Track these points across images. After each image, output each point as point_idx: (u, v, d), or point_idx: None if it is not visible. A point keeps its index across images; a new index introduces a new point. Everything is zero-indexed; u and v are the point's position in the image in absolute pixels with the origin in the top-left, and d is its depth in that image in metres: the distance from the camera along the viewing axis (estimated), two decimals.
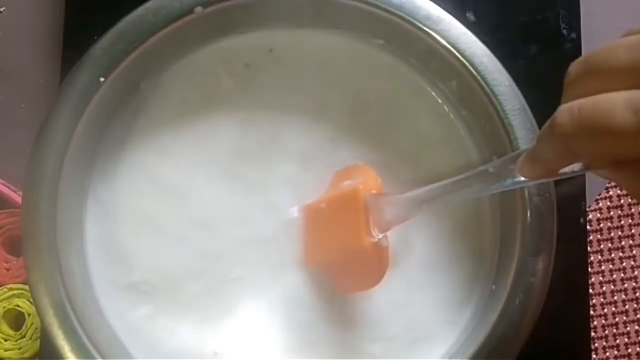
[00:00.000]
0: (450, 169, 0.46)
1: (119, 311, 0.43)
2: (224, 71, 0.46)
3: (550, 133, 0.26)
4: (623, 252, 0.51)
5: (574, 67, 0.27)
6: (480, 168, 0.35)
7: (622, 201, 0.51)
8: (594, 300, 0.50)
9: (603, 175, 0.28)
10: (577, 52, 0.50)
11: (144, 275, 0.44)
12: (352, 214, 0.41)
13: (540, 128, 0.41)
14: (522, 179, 0.32)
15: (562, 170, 0.29)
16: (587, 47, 0.50)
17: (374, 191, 0.41)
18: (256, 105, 0.46)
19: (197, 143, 0.45)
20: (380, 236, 0.40)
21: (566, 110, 0.26)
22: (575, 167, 0.29)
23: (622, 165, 0.26)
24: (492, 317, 0.41)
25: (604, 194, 0.51)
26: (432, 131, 0.46)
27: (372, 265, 0.42)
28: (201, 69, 0.46)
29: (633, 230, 0.51)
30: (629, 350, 0.50)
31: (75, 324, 0.40)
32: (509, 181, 0.33)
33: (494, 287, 0.43)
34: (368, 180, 0.42)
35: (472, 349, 0.41)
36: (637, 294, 0.51)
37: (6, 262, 0.49)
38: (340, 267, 0.43)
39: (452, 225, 0.45)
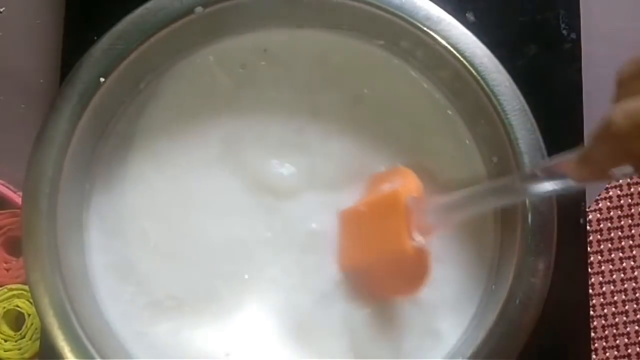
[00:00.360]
0: (450, 168, 0.46)
1: (119, 311, 0.43)
2: (222, 71, 0.46)
3: (606, 132, 0.26)
4: (623, 252, 0.51)
5: (627, 66, 0.27)
6: (524, 171, 0.34)
7: (622, 202, 0.51)
8: (594, 301, 0.50)
9: None
10: (577, 52, 0.50)
11: (145, 275, 0.44)
12: (394, 217, 0.40)
13: (540, 128, 0.42)
14: (570, 182, 0.31)
15: (613, 172, 0.29)
16: (587, 47, 0.50)
17: (415, 194, 0.40)
18: (255, 105, 0.46)
19: (197, 142, 0.45)
20: (422, 241, 0.40)
21: (622, 110, 0.26)
22: (627, 168, 0.28)
23: None
24: (492, 317, 0.41)
25: (604, 195, 0.51)
26: (432, 131, 0.46)
27: (414, 270, 0.41)
28: (200, 68, 0.46)
29: (633, 231, 0.51)
30: (629, 350, 0.50)
31: (75, 324, 0.40)
32: (553, 184, 0.32)
33: (494, 287, 0.43)
34: (409, 183, 0.41)
35: (472, 349, 0.41)
36: (637, 295, 0.51)
37: (6, 263, 0.49)
38: (380, 271, 0.43)
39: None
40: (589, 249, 0.51)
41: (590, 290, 0.50)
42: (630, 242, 0.51)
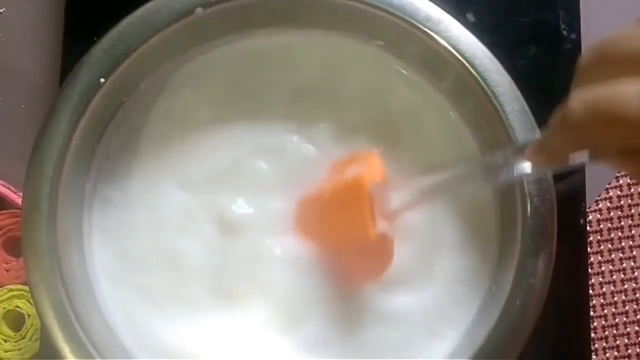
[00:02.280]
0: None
1: (119, 312, 0.43)
2: (224, 70, 0.46)
3: (563, 120, 0.27)
4: (623, 253, 0.51)
5: (587, 54, 0.27)
6: (488, 156, 0.35)
7: (622, 202, 0.51)
8: (594, 301, 0.50)
9: (611, 164, 0.28)
10: (577, 52, 0.50)
11: (145, 276, 0.44)
12: (357, 203, 0.40)
13: (540, 128, 0.42)
14: (528, 168, 0.32)
15: (571, 160, 0.29)
16: (587, 47, 0.50)
17: (379, 180, 0.40)
18: (258, 105, 0.46)
19: (199, 142, 0.45)
20: (385, 227, 0.40)
21: (579, 98, 0.26)
22: (584, 156, 0.29)
23: (631, 155, 0.26)
24: (492, 318, 0.41)
25: (604, 195, 0.51)
26: (433, 131, 0.46)
27: (378, 256, 0.41)
28: (201, 68, 0.46)
29: (633, 231, 0.51)
30: (629, 351, 0.50)
31: (76, 325, 0.40)
32: (514, 170, 0.33)
33: (494, 288, 0.43)
34: (373, 168, 0.41)
35: (472, 349, 0.41)
36: (637, 295, 0.51)
37: (6, 263, 0.49)
38: (344, 259, 0.43)
39: (452, 226, 0.45)
40: (589, 249, 0.51)
41: (591, 291, 0.50)
42: (631, 242, 0.51)
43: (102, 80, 0.42)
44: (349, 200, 0.41)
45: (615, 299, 0.51)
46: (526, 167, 0.32)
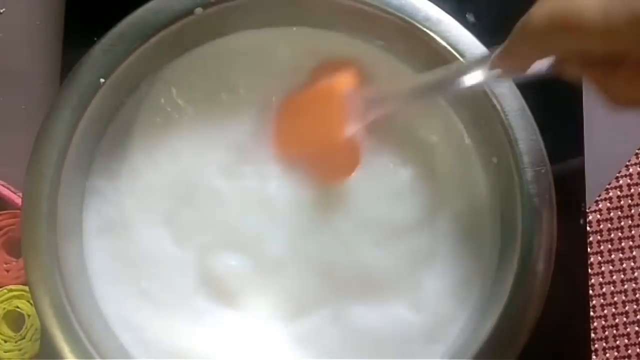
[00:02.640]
0: (450, 168, 0.46)
1: (118, 312, 0.43)
2: (224, 70, 0.46)
3: (524, 27, 0.28)
4: (623, 253, 0.51)
5: None
6: (457, 62, 0.36)
7: (622, 202, 0.51)
8: (594, 302, 0.50)
9: (574, 75, 0.30)
10: None
11: (145, 276, 0.44)
12: (329, 107, 0.42)
13: (540, 129, 0.42)
14: (497, 73, 0.33)
15: (533, 67, 0.31)
16: None
17: (352, 86, 0.42)
18: (257, 104, 0.46)
19: (199, 142, 0.45)
20: (354, 131, 0.42)
21: (539, 7, 0.27)
22: (546, 64, 0.31)
23: (591, 65, 0.28)
24: (492, 319, 0.41)
25: (604, 195, 0.51)
26: (432, 132, 0.46)
27: (345, 158, 0.44)
28: (201, 68, 0.46)
29: (633, 232, 0.51)
30: (629, 351, 0.50)
31: (75, 325, 0.40)
32: (484, 75, 0.34)
33: (494, 288, 0.43)
34: (347, 76, 0.43)
35: (472, 350, 0.41)
36: (637, 295, 0.51)
37: (6, 264, 0.49)
38: (315, 157, 0.45)
39: (452, 226, 0.45)
40: (589, 249, 0.51)
41: (590, 291, 0.50)
42: (631, 242, 0.51)
43: (102, 80, 0.42)
44: (322, 104, 0.43)
45: (615, 299, 0.51)
46: (494, 73, 0.33)
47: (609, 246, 0.51)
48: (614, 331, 0.50)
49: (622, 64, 0.28)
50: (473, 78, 0.35)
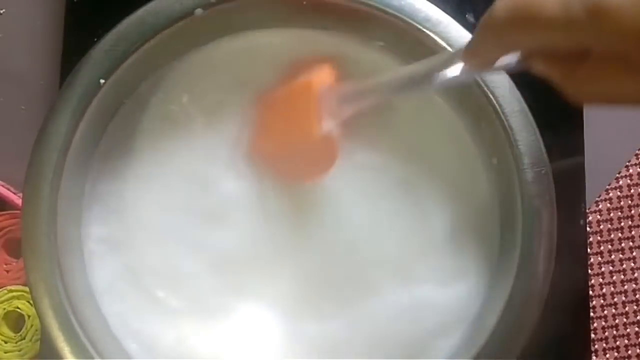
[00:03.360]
0: (449, 169, 0.46)
1: (118, 312, 0.43)
2: (224, 71, 0.46)
3: (486, 22, 0.28)
4: (623, 253, 0.51)
5: None
6: (427, 61, 0.36)
7: (622, 203, 0.51)
8: (594, 302, 0.50)
9: (540, 71, 0.30)
10: None
11: (145, 276, 0.44)
12: (305, 104, 0.42)
13: (540, 129, 0.42)
14: (464, 71, 0.33)
15: (499, 63, 0.31)
16: None
17: (328, 83, 0.42)
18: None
19: (199, 142, 0.45)
20: (330, 127, 0.41)
21: (502, 3, 0.27)
22: (512, 60, 0.31)
23: (555, 61, 0.28)
24: (492, 319, 0.41)
25: (604, 196, 0.51)
26: (432, 132, 0.46)
27: (322, 154, 0.43)
28: (202, 69, 0.46)
29: (633, 232, 0.51)
30: (629, 352, 0.50)
31: (75, 325, 0.40)
32: (455, 71, 0.34)
33: (494, 288, 0.43)
34: (322, 73, 0.43)
35: (472, 350, 0.41)
36: (637, 296, 0.51)
37: (6, 264, 0.49)
38: (292, 155, 0.45)
39: (452, 227, 0.45)
40: (589, 250, 0.51)
41: (590, 292, 0.50)
42: (631, 243, 0.51)
43: (102, 81, 0.42)
44: (298, 101, 0.43)
45: (615, 299, 0.51)
46: (462, 69, 0.33)
47: (609, 247, 0.51)
48: (614, 332, 0.50)
49: (585, 59, 0.27)
50: (449, 72, 0.34)
